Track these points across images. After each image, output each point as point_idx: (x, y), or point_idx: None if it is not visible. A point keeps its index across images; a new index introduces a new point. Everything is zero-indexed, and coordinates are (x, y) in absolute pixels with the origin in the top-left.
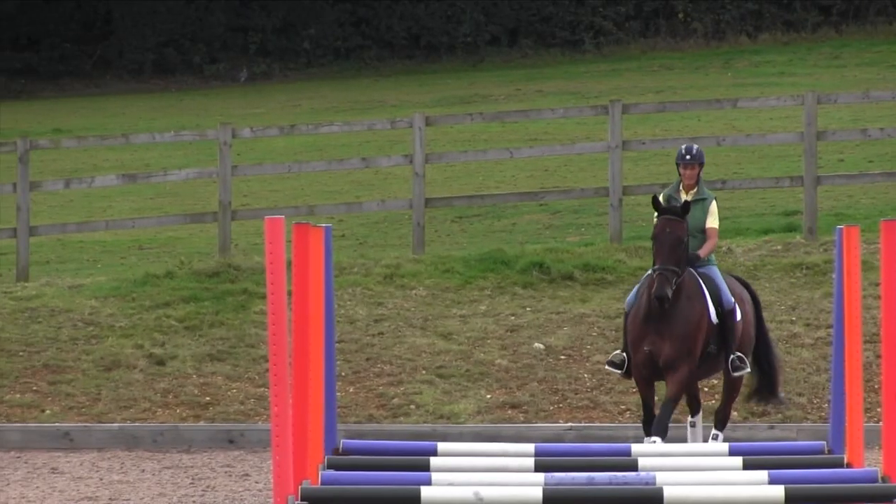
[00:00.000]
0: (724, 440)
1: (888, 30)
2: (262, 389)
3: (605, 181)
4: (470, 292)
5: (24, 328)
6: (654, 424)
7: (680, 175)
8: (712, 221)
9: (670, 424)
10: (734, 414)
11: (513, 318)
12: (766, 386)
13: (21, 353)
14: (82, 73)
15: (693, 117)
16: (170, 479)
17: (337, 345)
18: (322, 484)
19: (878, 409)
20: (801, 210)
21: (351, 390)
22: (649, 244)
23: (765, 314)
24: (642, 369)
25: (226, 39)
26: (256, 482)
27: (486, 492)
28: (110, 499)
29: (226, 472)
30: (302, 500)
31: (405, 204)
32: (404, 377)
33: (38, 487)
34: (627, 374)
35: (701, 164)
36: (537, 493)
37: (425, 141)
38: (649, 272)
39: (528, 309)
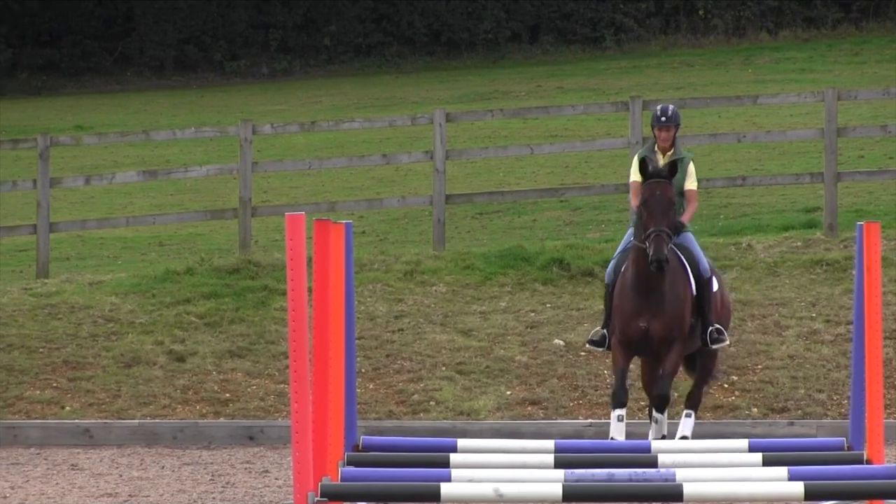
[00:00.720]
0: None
1: None
2: (282, 386)
3: (625, 178)
4: (490, 289)
5: (44, 325)
6: (658, 399)
7: (655, 137)
8: (691, 183)
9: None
10: (754, 410)
11: (533, 314)
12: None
13: (41, 350)
14: (103, 69)
15: (713, 114)
16: (189, 476)
17: (357, 341)
18: (342, 480)
19: None
20: (822, 206)
21: (371, 387)
22: None
23: (784, 310)
24: (633, 343)
25: (247, 36)
26: (276, 479)
27: (505, 488)
28: (130, 495)
29: (245, 469)
30: (322, 496)
31: (425, 200)
32: (424, 374)
33: (57, 484)
34: (608, 348)
35: (677, 126)
36: (557, 489)
37: (446, 137)
38: (629, 242)
39: (548, 305)
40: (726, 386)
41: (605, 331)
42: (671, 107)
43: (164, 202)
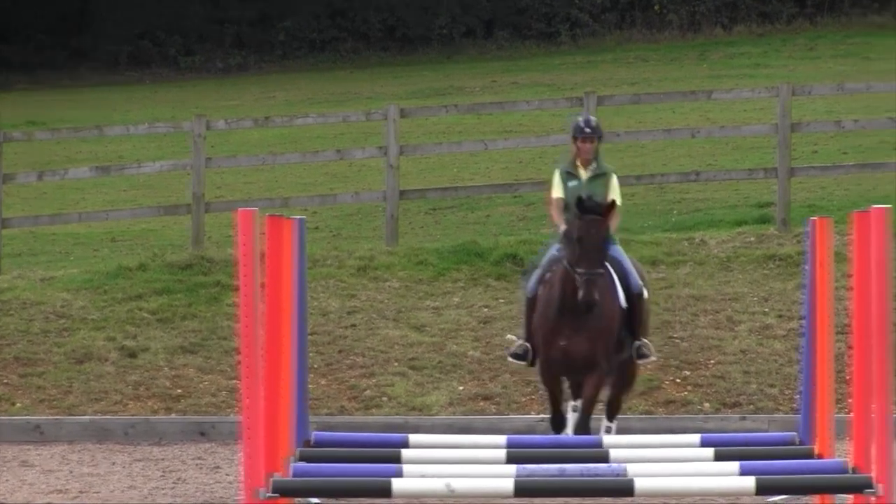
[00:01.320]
0: (618, 430)
1: (863, 21)
2: (234, 382)
3: None
4: (443, 284)
5: None
6: (577, 430)
7: (577, 149)
8: (613, 193)
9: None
10: (706, 405)
11: (486, 309)
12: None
13: None
14: (57, 64)
15: (668, 109)
16: (140, 472)
17: (309, 337)
18: (293, 476)
19: (849, 401)
20: (775, 201)
21: (323, 382)
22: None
23: (737, 305)
24: (555, 365)
25: (202, 31)
26: (227, 474)
27: (457, 483)
28: (80, 491)
29: (196, 465)
30: (273, 492)
31: (379, 196)
32: (376, 369)
33: (7, 480)
34: (532, 363)
35: (599, 138)
36: (509, 484)
37: (400, 133)
38: (554, 257)
39: (501, 301)
40: (679, 381)
41: (528, 344)
42: (593, 118)
43: (117, 198)
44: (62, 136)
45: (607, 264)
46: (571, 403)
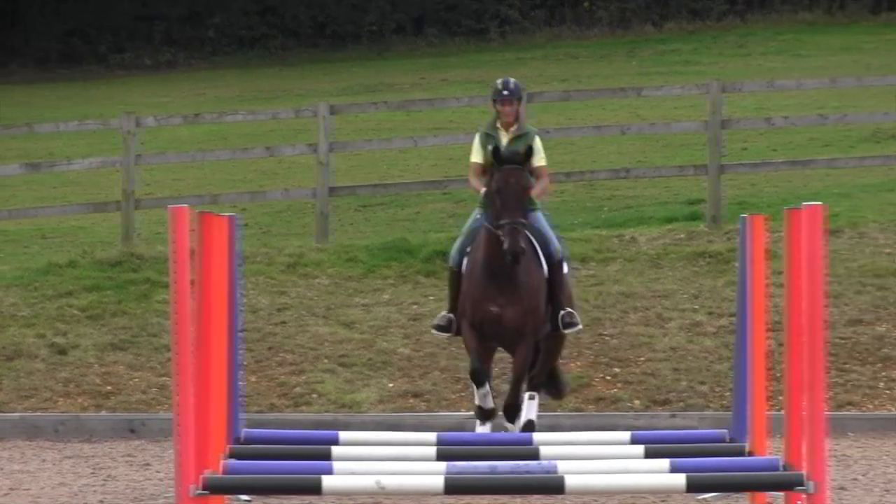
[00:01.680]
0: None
1: (793, 18)
2: (164, 379)
3: None
4: (373, 281)
5: None
6: (509, 409)
7: (497, 112)
8: (539, 159)
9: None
10: (636, 402)
11: (416, 306)
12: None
13: None
14: None
15: (598, 106)
16: (70, 469)
17: (240, 334)
18: (224, 473)
19: (780, 398)
20: (705, 199)
21: (253, 379)
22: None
23: (667, 302)
24: (485, 328)
25: (132, 28)
26: (157, 472)
27: (387, 480)
28: (10, 489)
29: (127, 462)
30: (204, 489)
31: (309, 193)
32: (306, 366)
33: None
34: (457, 333)
35: (519, 100)
36: (439, 482)
37: (330, 130)
38: (473, 224)
39: (430, 298)
40: (608, 378)
41: (451, 315)
42: (512, 80)
43: (47, 195)
44: None
45: (528, 234)
46: (506, 424)
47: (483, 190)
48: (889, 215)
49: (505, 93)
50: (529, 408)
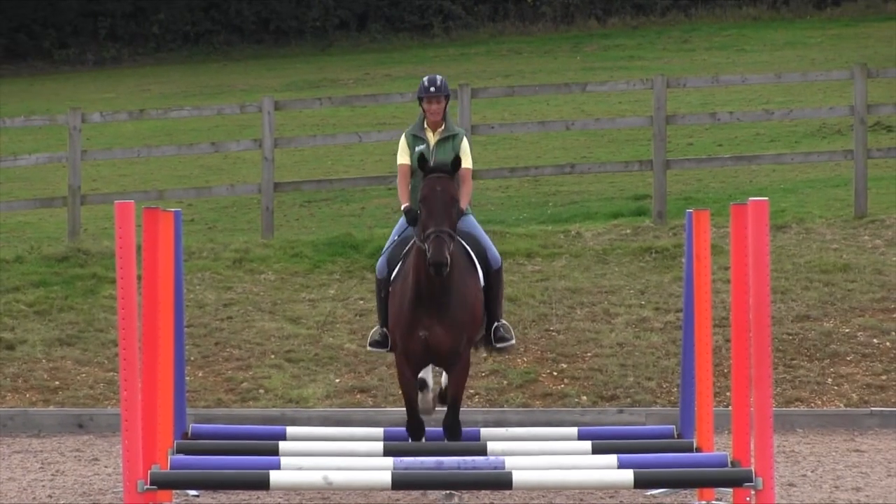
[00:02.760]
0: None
1: (737, 13)
2: (112, 374)
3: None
4: (319, 276)
5: None
6: (449, 431)
7: (423, 111)
8: (466, 162)
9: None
10: (583, 398)
11: (361, 302)
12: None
13: None
14: None
15: (542, 101)
16: (19, 464)
17: (186, 329)
18: (171, 468)
19: (728, 394)
20: (651, 194)
21: (200, 375)
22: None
23: (613, 298)
24: (414, 357)
25: (76, 24)
26: (106, 467)
27: (335, 476)
28: None
29: (75, 457)
30: (151, 484)
31: (254, 188)
32: (253, 361)
33: None
34: (391, 349)
35: (447, 97)
36: (386, 477)
37: (274, 125)
38: (401, 231)
39: None
40: (555, 374)
41: (384, 329)
42: (439, 77)
43: None
44: None
45: (463, 242)
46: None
47: (404, 206)
48: (835, 211)
49: (432, 90)
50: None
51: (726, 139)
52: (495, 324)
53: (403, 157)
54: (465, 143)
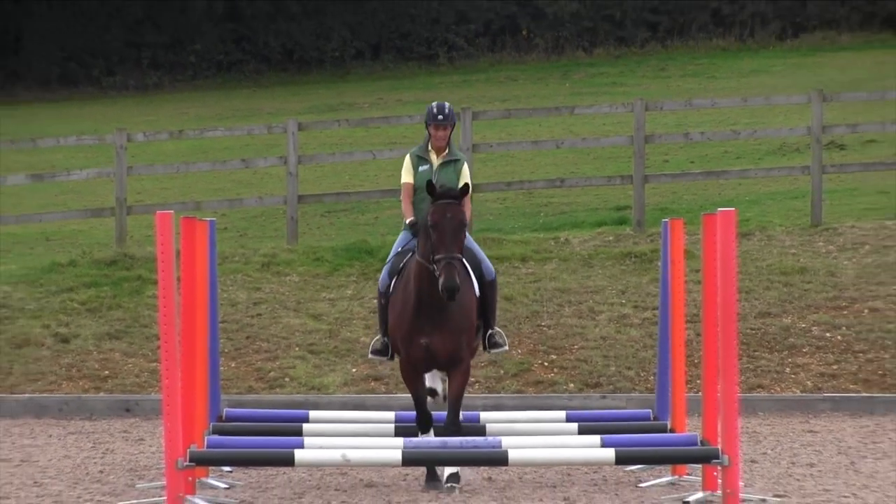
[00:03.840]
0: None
1: (708, 45)
2: (155, 364)
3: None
4: (337, 278)
5: None
6: (450, 430)
7: (430, 135)
8: (465, 179)
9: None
10: (571, 385)
11: (375, 301)
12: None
13: None
14: None
15: (535, 123)
16: (74, 444)
17: (220, 325)
18: (207, 447)
19: (698, 381)
20: (631, 205)
21: (232, 365)
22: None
23: (598, 297)
24: (417, 364)
25: (122, 54)
26: (150, 446)
27: (352, 454)
28: (22, 460)
29: (123, 437)
30: (190, 461)
31: (280, 200)
32: (279, 353)
33: None
34: (392, 357)
35: (452, 125)
36: (397, 455)
37: (298, 144)
38: (403, 244)
39: None
40: (546, 364)
41: (385, 339)
42: (447, 105)
43: (50, 202)
44: (1, 147)
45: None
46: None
47: (409, 220)
48: (794, 220)
49: (440, 118)
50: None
51: (698, 156)
52: (490, 331)
53: (407, 177)
54: (465, 169)
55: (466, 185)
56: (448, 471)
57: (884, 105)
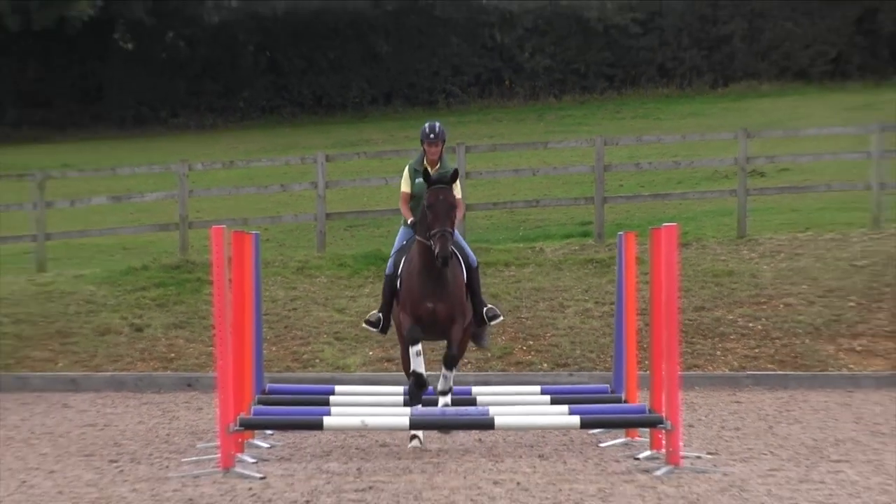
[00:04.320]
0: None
1: (654, 92)
2: (211, 348)
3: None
4: (357, 279)
5: (43, 305)
6: (447, 360)
7: (424, 151)
8: (457, 191)
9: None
10: (544, 365)
11: None
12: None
13: (40, 323)
14: (83, 124)
15: (516, 155)
16: (146, 412)
17: (263, 317)
18: (253, 415)
19: (647, 362)
20: (593, 221)
21: (273, 349)
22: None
23: (566, 294)
24: (422, 321)
25: (184, 100)
26: (207, 414)
27: (369, 420)
28: (105, 425)
29: (185, 407)
30: (239, 426)
31: (311, 217)
32: (311, 339)
33: (54, 417)
34: (383, 332)
35: (443, 141)
36: (405, 420)
37: (326, 172)
38: (404, 238)
39: None
40: (525, 348)
41: (380, 314)
42: (438, 124)
43: (127, 218)
44: (87, 174)
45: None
46: (444, 372)
47: (410, 220)
48: (723, 233)
49: (432, 136)
50: (448, 379)
51: (647, 182)
52: (484, 308)
53: (406, 187)
54: (456, 182)
55: (455, 169)
56: (444, 385)
57: (796, 140)
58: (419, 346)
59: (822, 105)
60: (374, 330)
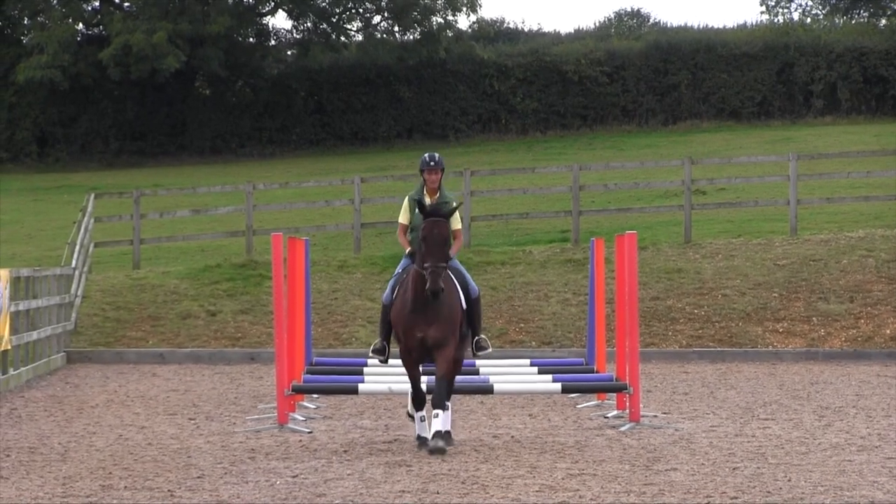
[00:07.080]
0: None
1: (619, 129)
2: (270, 329)
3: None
4: (386, 276)
5: (137, 295)
6: (435, 399)
7: (424, 180)
8: (456, 224)
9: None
10: (533, 343)
11: None
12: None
13: (135, 309)
14: (170, 153)
15: (510, 178)
16: (218, 380)
17: (311, 304)
18: (304, 382)
19: (614, 341)
20: (570, 229)
21: (319, 330)
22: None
23: (550, 287)
24: (413, 352)
25: (249, 134)
26: (268, 382)
27: (395, 386)
28: (186, 390)
29: (249, 376)
30: (292, 391)
31: (350, 226)
32: (349, 323)
33: (145, 384)
34: (386, 360)
35: (442, 170)
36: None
37: (361, 191)
38: (403, 267)
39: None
40: (517, 329)
41: (385, 343)
42: (437, 154)
43: (204, 227)
44: (173, 192)
45: (450, 273)
46: (433, 411)
47: (409, 249)
48: (674, 238)
49: (431, 164)
50: (442, 421)
51: (613, 199)
52: (476, 337)
53: (404, 218)
54: (456, 213)
55: (452, 205)
56: (435, 427)
57: (730, 166)
58: (423, 412)
59: (751, 139)
60: (382, 358)
